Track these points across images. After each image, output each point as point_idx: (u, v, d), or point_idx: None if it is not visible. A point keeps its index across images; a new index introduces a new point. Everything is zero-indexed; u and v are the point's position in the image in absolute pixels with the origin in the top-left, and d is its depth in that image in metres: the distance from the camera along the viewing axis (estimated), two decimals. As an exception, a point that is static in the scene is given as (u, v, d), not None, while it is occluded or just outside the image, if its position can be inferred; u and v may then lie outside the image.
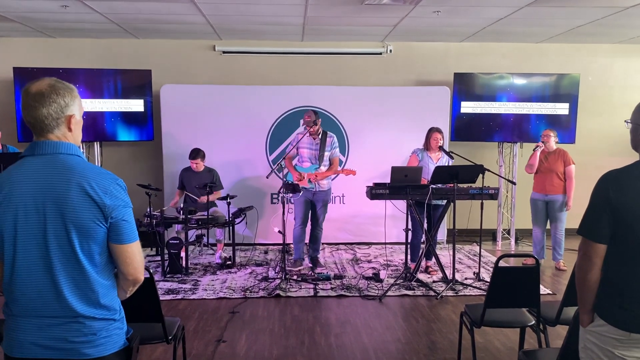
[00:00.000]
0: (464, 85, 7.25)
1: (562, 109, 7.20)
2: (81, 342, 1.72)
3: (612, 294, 2.00)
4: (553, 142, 6.05)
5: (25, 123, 1.76)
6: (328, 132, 5.89)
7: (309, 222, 6.01)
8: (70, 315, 1.71)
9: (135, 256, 1.78)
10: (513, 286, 3.30)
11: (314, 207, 5.93)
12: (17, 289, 1.71)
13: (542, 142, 6.05)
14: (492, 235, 7.73)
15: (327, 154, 5.83)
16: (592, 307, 2.06)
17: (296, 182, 5.68)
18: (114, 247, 1.75)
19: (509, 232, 7.67)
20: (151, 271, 2.99)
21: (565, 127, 7.18)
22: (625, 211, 1.92)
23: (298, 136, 5.88)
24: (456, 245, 5.68)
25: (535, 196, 6.17)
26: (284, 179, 5.67)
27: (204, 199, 6.05)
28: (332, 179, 6.13)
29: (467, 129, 7.31)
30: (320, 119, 5.80)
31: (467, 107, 7.28)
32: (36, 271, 1.69)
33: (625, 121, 2.13)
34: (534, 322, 3.33)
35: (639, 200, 1.92)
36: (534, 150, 6.10)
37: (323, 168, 5.83)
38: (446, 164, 5.69)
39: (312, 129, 5.70)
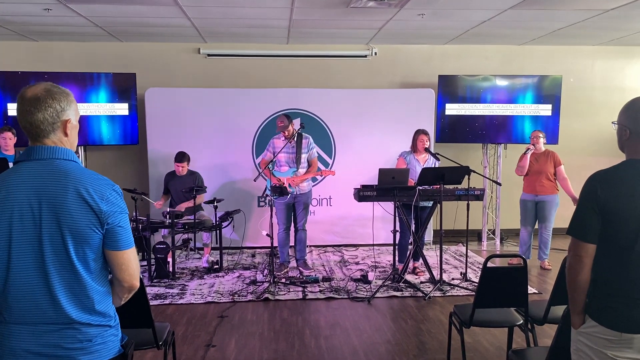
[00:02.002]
0: (449, 87, 7.31)
1: (545, 110, 7.30)
2: (76, 349, 1.70)
3: (602, 294, 2.02)
4: (542, 143, 6.13)
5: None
6: (303, 133, 5.88)
7: (292, 226, 6.01)
8: (65, 321, 1.69)
9: (131, 262, 1.77)
10: (501, 286, 3.33)
11: (295, 210, 5.93)
12: (11, 295, 1.68)
13: (532, 144, 6.11)
14: (477, 235, 7.80)
15: (304, 155, 5.83)
16: (583, 308, 2.07)
17: (283, 185, 5.68)
18: (109, 253, 1.73)
19: (494, 233, 7.75)
20: (141, 277, 2.97)
21: (549, 128, 7.28)
22: (614, 211, 1.95)
23: (274, 142, 5.87)
24: (443, 246, 5.72)
25: (525, 197, 6.22)
26: (270, 183, 5.67)
27: (183, 205, 6.03)
28: (314, 184, 6.12)
29: (451, 130, 7.37)
30: (293, 122, 5.80)
31: (452, 109, 7.34)
32: (31, 277, 1.67)
33: (612, 122, 2.17)
34: (522, 321, 3.37)
35: (627, 200, 1.95)
36: (524, 152, 6.14)
37: (302, 170, 5.83)
38: (433, 166, 5.73)
39: (286, 133, 5.70)
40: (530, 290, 5.37)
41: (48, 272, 1.66)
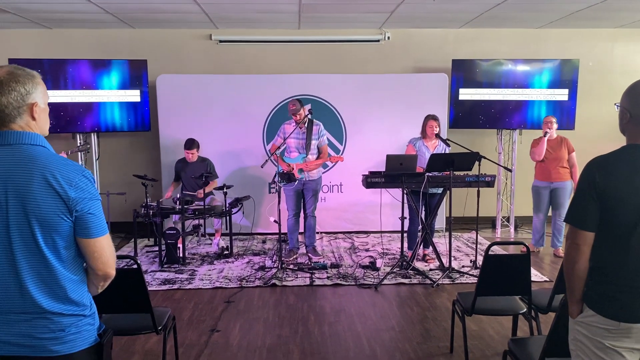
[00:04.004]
0: (463, 72, 7.18)
1: (561, 94, 7.13)
2: (49, 339, 1.67)
3: (600, 283, 1.97)
4: (555, 129, 6.02)
5: None
6: (314, 120, 5.84)
7: (302, 212, 6.00)
8: (36, 311, 1.65)
9: (104, 250, 1.71)
10: (504, 274, 3.28)
11: (305, 197, 5.91)
12: None
13: (548, 129, 5.99)
14: (491, 222, 7.70)
15: (314, 142, 5.79)
16: (580, 297, 2.03)
17: (290, 172, 5.66)
18: (81, 241, 1.68)
19: (508, 220, 7.64)
20: (139, 262, 2.99)
21: (565, 113, 7.12)
22: (612, 197, 1.89)
23: (285, 127, 5.84)
24: (455, 233, 5.66)
25: (538, 184, 6.11)
26: (278, 169, 5.66)
27: (200, 193, 6.05)
28: (324, 171, 6.09)
29: (465, 116, 7.25)
30: (304, 107, 5.75)
31: (466, 94, 7.22)
32: None
33: (615, 104, 2.10)
34: (525, 309, 3.32)
35: (625, 185, 1.89)
36: (541, 137, 6.01)
37: (311, 157, 5.79)
38: (443, 152, 5.65)
39: (296, 117, 5.66)
40: (542, 278, 5.30)
41: (16, 261, 1.63)
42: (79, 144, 6.98)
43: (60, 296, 1.68)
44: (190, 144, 6.29)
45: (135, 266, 2.94)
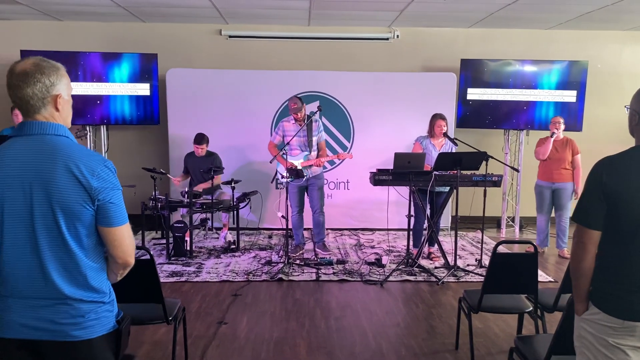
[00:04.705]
0: (471, 72, 7.19)
1: (569, 96, 7.14)
2: (69, 324, 1.71)
3: (605, 282, 2.00)
4: (562, 129, 6.03)
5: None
6: (313, 117, 5.86)
7: (310, 210, 6.03)
8: (58, 297, 1.70)
9: (125, 239, 1.76)
10: (511, 272, 3.31)
11: (310, 194, 5.95)
12: (5, 270, 1.69)
13: (556, 129, 6.00)
14: (496, 222, 7.72)
15: (314, 139, 5.82)
16: (586, 295, 2.06)
17: (298, 168, 5.68)
18: (102, 229, 1.72)
19: (513, 220, 7.66)
20: (152, 253, 3.03)
21: (573, 115, 7.13)
22: (619, 197, 1.92)
23: (283, 124, 5.86)
24: (460, 232, 5.69)
25: (541, 184, 6.14)
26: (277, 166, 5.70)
27: (201, 186, 6.11)
28: (331, 168, 6.12)
29: (473, 115, 7.27)
30: (305, 105, 5.78)
31: (474, 93, 7.23)
32: (23, 253, 1.68)
33: (625, 106, 2.13)
34: (531, 308, 3.35)
35: (632, 186, 1.92)
36: (548, 137, 6.03)
37: (313, 154, 5.83)
38: (449, 151, 5.67)
39: (297, 116, 5.69)
40: (547, 278, 5.32)
41: (40, 248, 1.67)
42: (86, 134, 7.04)
43: (81, 283, 1.72)
44: (200, 138, 6.34)
45: (147, 257, 2.98)
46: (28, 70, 1.68)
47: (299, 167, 5.70)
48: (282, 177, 5.65)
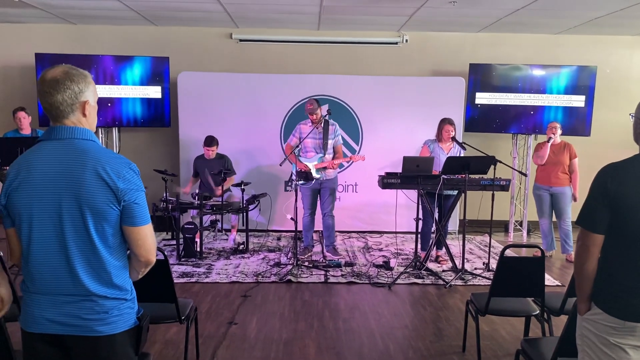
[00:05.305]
0: (480, 76, 7.23)
1: (578, 101, 7.16)
2: (94, 320, 1.79)
3: (608, 284, 2.05)
4: (559, 134, 6.08)
5: (43, 109, 1.81)
6: (330, 120, 5.93)
7: (320, 212, 6.08)
8: (83, 293, 1.78)
9: (147, 238, 1.84)
10: (518, 276, 3.35)
11: (322, 196, 6.00)
12: (33, 267, 1.78)
13: (552, 133, 6.05)
14: (504, 226, 7.75)
15: (330, 141, 5.88)
16: (589, 295, 2.12)
17: (308, 171, 5.75)
18: (126, 229, 1.80)
19: (521, 224, 7.68)
20: (166, 254, 3.10)
21: (581, 120, 7.15)
22: (622, 202, 1.97)
23: (300, 127, 5.93)
24: (468, 236, 5.72)
25: (539, 187, 6.18)
26: (293, 168, 5.76)
27: (219, 191, 6.17)
28: (340, 171, 6.18)
29: (481, 120, 7.31)
30: (321, 107, 5.84)
31: (482, 98, 7.27)
32: (51, 251, 1.76)
33: (629, 114, 2.18)
34: (538, 311, 3.39)
35: (636, 192, 1.96)
36: (544, 142, 6.08)
37: (328, 156, 5.89)
38: (457, 155, 5.72)
39: (313, 117, 5.75)
40: (553, 282, 5.35)
41: (68, 247, 1.76)
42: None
43: (106, 280, 1.80)
44: (210, 141, 6.42)
45: (161, 257, 3.05)
46: (58, 77, 1.77)
47: (313, 169, 5.76)
48: (294, 178, 5.71)
